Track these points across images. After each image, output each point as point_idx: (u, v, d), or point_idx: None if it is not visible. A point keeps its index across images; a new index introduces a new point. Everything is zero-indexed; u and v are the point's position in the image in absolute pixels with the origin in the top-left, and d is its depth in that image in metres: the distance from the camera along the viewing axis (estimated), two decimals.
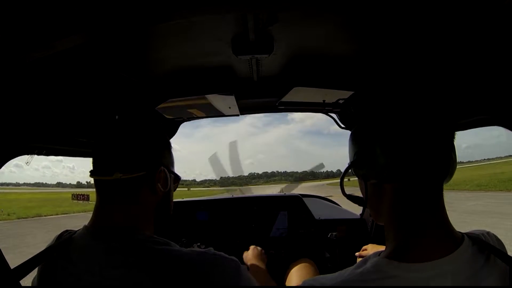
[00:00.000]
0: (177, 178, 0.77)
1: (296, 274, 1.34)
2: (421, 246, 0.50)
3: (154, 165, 0.67)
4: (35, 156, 0.95)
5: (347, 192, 0.66)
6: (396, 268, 0.49)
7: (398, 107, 0.55)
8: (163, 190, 0.69)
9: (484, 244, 0.52)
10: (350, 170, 0.63)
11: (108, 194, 0.65)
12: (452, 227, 0.53)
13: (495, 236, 0.59)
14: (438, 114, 0.54)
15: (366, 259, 0.55)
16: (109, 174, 0.62)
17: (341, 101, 1.35)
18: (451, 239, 0.52)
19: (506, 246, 0.58)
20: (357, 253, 1.26)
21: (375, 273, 0.50)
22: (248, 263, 1.23)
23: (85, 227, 0.66)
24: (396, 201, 0.54)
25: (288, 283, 1.34)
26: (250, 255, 1.27)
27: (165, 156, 0.72)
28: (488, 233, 0.58)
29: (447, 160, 0.53)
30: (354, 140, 0.62)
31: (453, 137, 0.55)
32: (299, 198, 1.76)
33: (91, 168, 0.67)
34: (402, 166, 0.52)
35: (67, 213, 19.77)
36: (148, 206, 0.68)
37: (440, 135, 0.53)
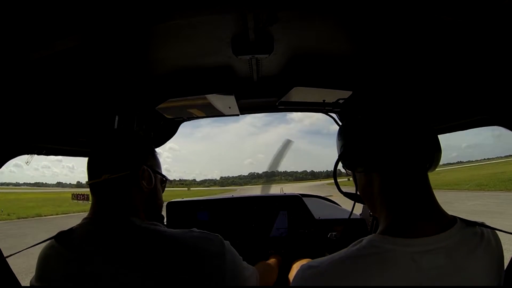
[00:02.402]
0: (164, 179, 0.85)
1: None
2: (412, 223, 0.53)
3: (137, 165, 0.75)
4: (35, 156, 0.95)
5: (347, 192, 0.69)
6: (391, 243, 0.51)
7: (383, 102, 0.60)
8: (148, 187, 0.76)
9: (477, 225, 0.55)
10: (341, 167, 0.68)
11: (101, 194, 0.73)
12: (443, 210, 0.56)
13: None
14: (421, 109, 0.57)
15: (361, 239, 0.57)
16: (99, 177, 0.71)
17: (341, 101, 1.35)
18: (443, 220, 0.54)
19: (505, 246, 0.58)
20: None
21: (371, 248, 0.52)
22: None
23: (85, 218, 0.72)
24: (383, 186, 0.58)
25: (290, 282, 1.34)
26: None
27: (149, 158, 0.80)
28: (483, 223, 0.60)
29: (430, 150, 0.58)
30: (340, 135, 0.66)
31: (433, 128, 0.59)
32: (299, 198, 1.76)
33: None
34: (386, 154, 0.57)
35: (67, 213, 19.76)
36: (137, 202, 0.75)
37: (420, 127, 0.57)
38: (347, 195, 0.72)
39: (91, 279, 0.61)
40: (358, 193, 0.66)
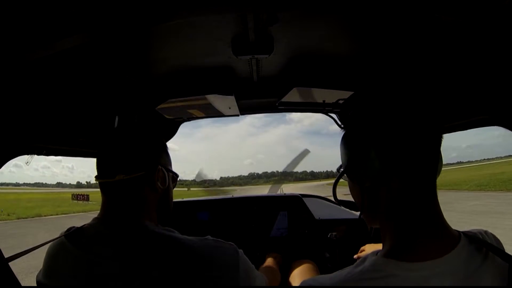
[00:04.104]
0: (175, 176, 0.83)
1: (298, 276, 1.33)
2: (419, 245, 0.50)
3: (153, 165, 0.73)
4: (35, 156, 0.95)
5: (346, 192, 0.67)
6: (395, 267, 0.49)
7: (392, 110, 0.55)
8: (162, 187, 0.74)
9: (482, 243, 0.52)
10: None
11: (114, 194, 0.70)
12: (449, 226, 0.53)
13: (493, 235, 0.58)
14: (431, 117, 0.54)
15: (364, 258, 0.55)
16: (112, 177, 0.68)
17: (341, 101, 1.35)
18: (448, 238, 0.52)
19: (505, 246, 0.58)
20: (355, 256, 1.25)
21: (374, 272, 0.50)
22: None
23: (95, 218, 0.70)
24: (392, 203, 0.54)
25: (290, 284, 1.33)
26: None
27: (162, 157, 0.78)
28: (486, 232, 0.58)
29: (437, 161, 0.54)
30: (346, 144, 0.61)
31: (441, 139, 0.55)
32: (299, 198, 1.76)
33: (94, 171, 0.73)
34: (397, 169, 0.52)
35: (67, 213, 19.75)
36: (150, 203, 0.73)
37: (432, 137, 0.54)
38: (343, 203, 0.68)
39: (100, 281, 0.60)
40: (359, 205, 0.61)
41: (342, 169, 0.62)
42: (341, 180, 0.64)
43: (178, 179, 0.85)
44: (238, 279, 0.65)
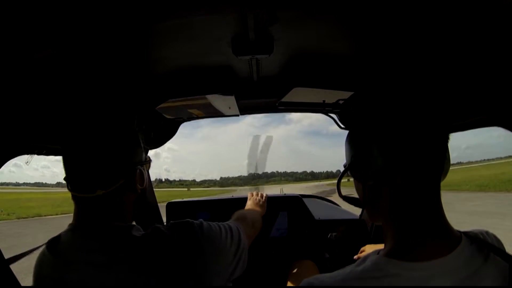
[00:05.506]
0: (149, 163, 0.80)
1: (299, 275, 1.33)
2: (420, 245, 0.50)
3: (132, 170, 0.70)
4: (35, 156, 0.95)
5: (347, 192, 0.67)
6: (396, 266, 0.49)
7: (395, 109, 0.55)
8: (142, 187, 0.72)
9: (483, 243, 0.52)
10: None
11: (90, 205, 0.67)
12: (450, 226, 0.53)
13: (494, 236, 0.58)
14: (436, 116, 0.54)
15: (366, 257, 0.55)
16: (91, 191, 0.65)
17: (341, 102, 1.35)
18: (450, 238, 0.52)
19: (506, 247, 0.58)
20: (355, 256, 1.25)
21: (375, 271, 0.50)
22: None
23: (70, 224, 0.70)
24: (394, 202, 0.54)
25: (291, 284, 1.33)
26: (249, 205, 1.30)
27: (138, 154, 0.73)
28: (487, 232, 0.58)
29: (443, 160, 0.54)
30: (351, 142, 0.61)
31: (448, 138, 0.55)
32: (299, 199, 1.75)
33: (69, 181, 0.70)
34: (400, 168, 0.52)
35: (67, 213, 19.72)
36: (127, 205, 0.71)
37: (437, 136, 0.53)
38: (347, 199, 0.69)
39: (79, 286, 0.61)
40: (362, 203, 0.62)
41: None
42: (345, 180, 0.65)
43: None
44: (205, 261, 0.64)
